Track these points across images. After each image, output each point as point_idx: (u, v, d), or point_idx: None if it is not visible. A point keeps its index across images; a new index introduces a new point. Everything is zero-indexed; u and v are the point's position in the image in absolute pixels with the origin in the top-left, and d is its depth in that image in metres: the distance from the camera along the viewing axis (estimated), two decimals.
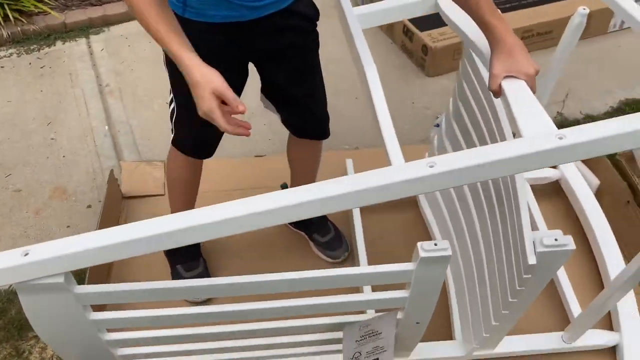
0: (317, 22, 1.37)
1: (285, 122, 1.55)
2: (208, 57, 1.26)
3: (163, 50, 1.29)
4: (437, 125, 2.15)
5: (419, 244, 1.00)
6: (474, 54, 1.23)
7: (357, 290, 1.57)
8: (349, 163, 1.90)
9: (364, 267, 1.01)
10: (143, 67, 2.59)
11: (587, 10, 1.33)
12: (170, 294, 1.01)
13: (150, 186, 1.95)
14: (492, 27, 1.03)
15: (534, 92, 1.00)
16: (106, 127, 2.29)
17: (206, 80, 1.01)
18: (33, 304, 0.96)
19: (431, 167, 0.86)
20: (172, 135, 1.47)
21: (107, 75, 2.55)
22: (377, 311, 1.24)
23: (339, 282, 1.01)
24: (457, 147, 1.45)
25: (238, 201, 0.89)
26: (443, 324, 1.57)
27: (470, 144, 1.32)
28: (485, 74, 1.18)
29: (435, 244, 0.96)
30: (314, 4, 1.36)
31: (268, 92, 1.49)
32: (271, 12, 1.24)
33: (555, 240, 0.96)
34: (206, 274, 1.69)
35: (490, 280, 1.26)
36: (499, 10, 1.05)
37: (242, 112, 1.01)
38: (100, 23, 2.86)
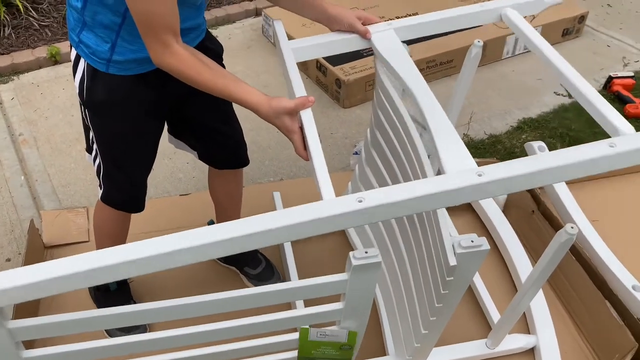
0: (222, 56, 1.44)
1: (204, 156, 1.58)
2: (132, 106, 1.30)
3: (82, 105, 1.32)
4: (356, 153, 2.26)
5: (350, 253, 1.06)
6: (387, 85, 1.32)
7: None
8: (277, 196, 1.95)
9: (297, 282, 1.04)
10: (58, 113, 2.54)
11: (482, 43, 1.46)
12: (106, 322, 1.00)
13: (73, 233, 1.91)
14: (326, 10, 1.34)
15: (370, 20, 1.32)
16: (22, 177, 2.22)
17: (275, 110, 1.13)
18: None
19: (360, 202, 0.93)
20: (101, 192, 1.45)
21: (20, 125, 2.48)
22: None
23: (272, 297, 1.04)
24: (378, 175, 1.53)
25: (171, 236, 0.92)
26: (375, 341, 1.63)
27: (391, 172, 1.40)
28: (399, 103, 1.28)
29: (366, 252, 1.03)
30: (216, 39, 1.43)
31: (182, 129, 1.52)
32: None
33: (472, 241, 1.04)
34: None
35: (416, 290, 1.34)
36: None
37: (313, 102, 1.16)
38: (9, 71, 2.78)
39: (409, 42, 1.36)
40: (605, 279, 1.71)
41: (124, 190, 1.45)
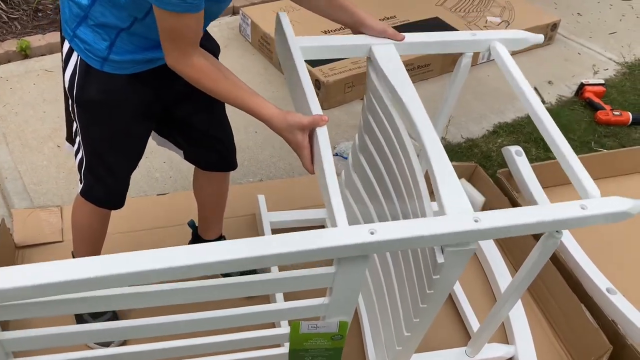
0: (219, 56, 1.42)
1: (190, 156, 1.55)
2: (125, 107, 1.27)
3: (69, 96, 1.28)
4: (336, 154, 2.26)
5: None
6: (380, 91, 1.33)
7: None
8: (262, 200, 1.92)
9: (282, 273, 1.04)
10: (29, 109, 2.47)
11: (472, 53, 1.49)
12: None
13: (46, 233, 1.86)
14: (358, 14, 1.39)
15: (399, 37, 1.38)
16: None
17: (290, 124, 1.15)
18: None
19: (372, 234, 0.97)
20: (81, 186, 1.42)
21: None
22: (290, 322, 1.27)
23: (255, 288, 1.04)
24: (365, 181, 1.53)
25: (174, 250, 0.91)
26: (355, 346, 1.63)
27: (380, 179, 1.41)
28: (393, 110, 1.28)
29: None
30: (213, 39, 1.41)
31: (172, 130, 1.49)
32: None
33: None
34: (115, 319, 1.63)
35: (400, 290, 1.34)
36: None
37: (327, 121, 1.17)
38: None
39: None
40: (580, 282, 1.75)
41: (106, 186, 1.41)
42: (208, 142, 1.50)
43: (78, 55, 1.21)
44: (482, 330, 1.52)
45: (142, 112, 1.32)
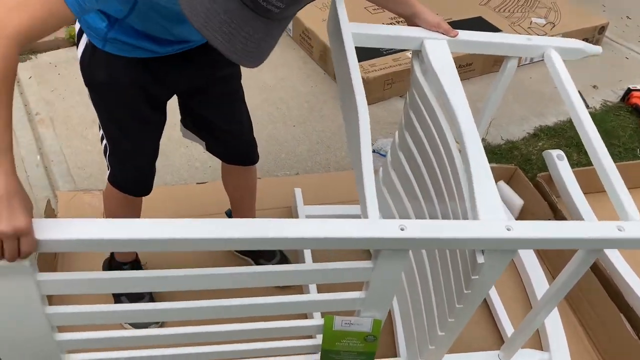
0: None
1: (210, 149, 1.57)
2: (129, 91, 1.27)
3: (89, 86, 1.29)
4: (374, 151, 2.25)
5: None
6: (425, 88, 1.32)
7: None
8: (298, 193, 1.94)
9: (320, 264, 1.05)
10: (75, 95, 2.53)
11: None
12: (132, 284, 1.01)
13: (88, 215, 1.91)
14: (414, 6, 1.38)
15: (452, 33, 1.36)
16: (38, 157, 2.22)
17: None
18: None
19: (402, 230, 0.97)
20: (108, 172, 1.45)
21: (37, 104, 2.47)
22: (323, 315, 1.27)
23: (293, 277, 1.07)
24: (403, 179, 1.52)
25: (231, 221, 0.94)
26: (387, 342, 1.63)
27: (419, 178, 1.40)
28: (437, 108, 1.28)
29: None
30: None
31: (190, 123, 1.51)
32: (187, 48, 1.26)
33: None
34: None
35: (435, 289, 1.33)
36: None
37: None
38: (27, 50, 2.77)
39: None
40: (620, 291, 1.71)
41: (128, 173, 1.44)
42: (224, 135, 1.51)
43: (86, 36, 1.22)
44: (517, 336, 1.50)
45: (146, 97, 1.31)
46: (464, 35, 1.41)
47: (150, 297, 1.67)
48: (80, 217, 1.88)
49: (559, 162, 2.03)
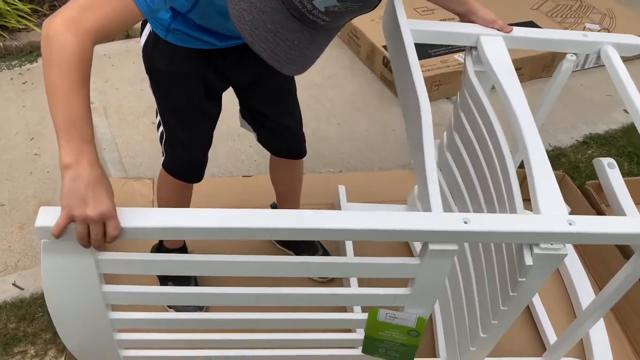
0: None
1: (261, 140, 1.61)
2: (188, 80, 1.32)
3: (150, 73, 1.34)
4: None
5: None
6: (476, 86, 1.32)
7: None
8: (342, 190, 1.95)
9: (366, 258, 1.06)
10: (127, 86, 2.61)
11: (574, 57, 1.45)
12: (183, 268, 1.05)
13: (138, 203, 1.97)
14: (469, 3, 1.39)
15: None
16: None
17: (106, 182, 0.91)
18: (53, 264, 0.97)
19: (465, 223, 0.97)
20: (163, 158, 1.50)
21: (91, 94, 2.54)
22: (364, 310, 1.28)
23: (339, 269, 1.09)
24: (450, 179, 1.52)
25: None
26: (426, 341, 1.63)
27: (466, 178, 1.40)
28: (489, 107, 1.28)
29: None
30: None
31: (246, 113, 1.55)
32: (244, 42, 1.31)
33: (551, 244, 1.04)
34: None
35: (479, 290, 1.33)
36: None
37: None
38: None
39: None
40: None
41: (182, 160, 1.48)
42: (275, 128, 1.54)
43: (149, 26, 1.27)
44: (560, 345, 1.48)
45: (204, 88, 1.34)
46: (520, 32, 1.41)
47: (196, 283, 1.71)
48: (130, 203, 1.97)
49: (610, 170, 1.98)
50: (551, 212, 1.04)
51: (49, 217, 0.88)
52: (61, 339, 1.15)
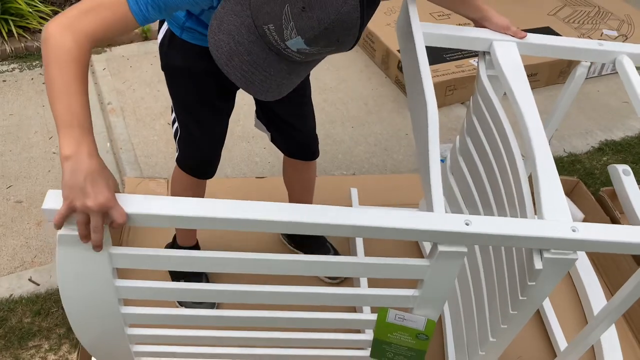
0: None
1: (274, 141, 1.62)
2: (202, 78, 1.34)
3: (165, 70, 1.37)
4: None
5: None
6: (489, 91, 1.32)
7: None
8: (354, 192, 1.97)
9: (376, 258, 1.06)
10: (144, 87, 2.65)
11: (588, 63, 1.44)
12: (194, 264, 1.06)
13: None
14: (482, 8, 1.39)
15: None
16: (108, 144, 2.34)
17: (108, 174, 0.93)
18: (68, 258, 0.99)
19: (467, 224, 0.98)
20: (176, 155, 1.52)
21: (109, 94, 2.60)
22: (373, 310, 1.29)
23: (348, 269, 1.09)
24: (462, 183, 1.52)
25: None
26: (435, 345, 1.63)
27: (478, 182, 1.40)
28: (501, 112, 1.28)
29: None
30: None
31: (261, 113, 1.57)
32: None
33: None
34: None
35: (488, 294, 1.33)
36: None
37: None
38: (104, 44, 2.92)
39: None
40: None
41: (194, 156, 1.50)
42: (289, 129, 1.56)
43: (167, 24, 1.30)
44: (570, 351, 1.47)
45: (217, 86, 1.36)
46: (534, 38, 1.40)
47: (207, 281, 1.73)
48: None
49: (625, 177, 1.97)
50: (555, 217, 1.04)
51: (56, 201, 0.91)
52: (74, 331, 1.17)
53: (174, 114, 1.46)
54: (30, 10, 2.84)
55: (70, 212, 0.88)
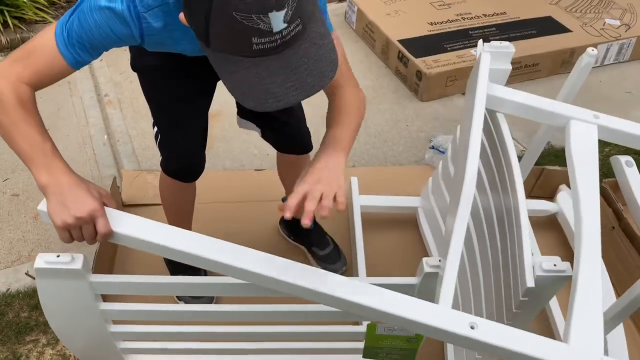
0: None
1: (265, 137, 1.59)
2: (174, 75, 1.28)
3: (137, 70, 1.32)
4: (433, 147, 2.23)
5: (424, 259, 1.06)
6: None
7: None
8: (354, 181, 1.95)
9: (365, 278, 1.05)
10: None
11: (595, 51, 1.39)
12: (180, 289, 1.05)
13: (150, 195, 1.98)
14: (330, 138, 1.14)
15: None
16: (105, 136, 2.31)
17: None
18: (48, 288, 1.01)
19: (472, 328, 0.90)
20: (161, 158, 1.49)
21: (106, 86, 2.57)
22: None
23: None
24: (462, 175, 1.50)
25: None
26: (436, 351, 1.60)
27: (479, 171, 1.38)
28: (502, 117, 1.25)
29: (440, 260, 1.03)
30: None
31: (245, 111, 1.53)
32: None
33: (554, 265, 1.00)
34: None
35: (486, 303, 1.31)
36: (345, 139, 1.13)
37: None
38: None
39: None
40: None
41: (176, 159, 1.46)
42: (277, 125, 1.53)
43: None
44: None
45: (192, 83, 1.32)
46: (619, 124, 1.35)
47: (205, 274, 1.71)
48: (142, 196, 1.97)
49: (628, 168, 1.95)
50: (584, 345, 0.91)
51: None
52: (63, 344, 1.17)
53: (153, 119, 1.42)
54: (26, 1, 2.80)
55: (67, 229, 0.92)
